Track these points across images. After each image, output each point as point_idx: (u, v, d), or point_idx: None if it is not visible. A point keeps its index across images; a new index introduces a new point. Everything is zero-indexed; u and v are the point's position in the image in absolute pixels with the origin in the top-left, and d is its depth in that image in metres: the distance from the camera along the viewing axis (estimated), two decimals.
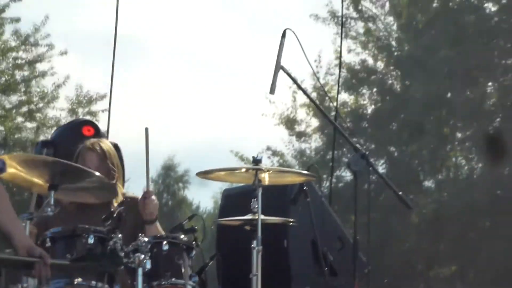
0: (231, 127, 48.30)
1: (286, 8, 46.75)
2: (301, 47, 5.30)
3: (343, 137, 5.76)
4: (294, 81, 5.45)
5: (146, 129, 5.27)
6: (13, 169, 4.53)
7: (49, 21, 21.45)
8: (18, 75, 21.55)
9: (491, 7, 23.64)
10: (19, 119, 21.67)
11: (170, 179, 40.09)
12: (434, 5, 24.14)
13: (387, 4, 24.72)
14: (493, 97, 23.66)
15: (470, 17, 23.28)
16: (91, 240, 4.48)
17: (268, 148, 25.61)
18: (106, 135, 6.63)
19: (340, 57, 19.14)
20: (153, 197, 5.27)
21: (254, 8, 48.70)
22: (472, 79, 23.19)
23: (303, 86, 5.89)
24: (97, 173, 4.73)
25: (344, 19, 23.91)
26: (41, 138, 19.89)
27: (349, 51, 24.41)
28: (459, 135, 24.60)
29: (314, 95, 22.94)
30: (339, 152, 23.18)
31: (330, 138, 20.84)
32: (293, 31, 5.20)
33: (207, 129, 51.76)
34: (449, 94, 23.62)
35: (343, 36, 24.21)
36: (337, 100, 19.13)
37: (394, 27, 25.01)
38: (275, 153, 25.72)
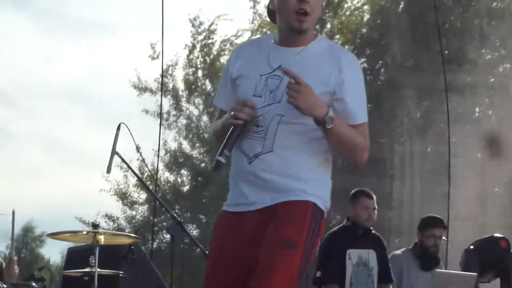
0: (77, 198, 47.48)
1: (122, 104, 46.65)
2: (132, 138, 5.36)
3: (164, 208, 5.84)
4: (126, 163, 5.51)
5: (13, 212, 5.19)
6: None
7: None
8: None
9: None
10: None
11: (28, 238, 40.24)
12: None
13: (201, 106, 25.21)
14: None
15: None
16: None
17: (106, 215, 25.25)
18: None
19: (159, 145, 19.46)
20: (16, 267, 5.24)
21: (98, 103, 48.20)
22: None
23: (133, 166, 5.95)
24: None
25: (167, 115, 24.29)
26: None
27: (173, 140, 24.73)
28: None
29: (141, 175, 22.87)
30: (163, 219, 23.09)
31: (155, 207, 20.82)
32: (126, 125, 5.24)
33: (59, 199, 51.20)
34: None
35: (166, 127, 24.41)
36: (156, 179, 19.18)
37: (208, 124, 25.42)
38: (111, 218, 25.37)
